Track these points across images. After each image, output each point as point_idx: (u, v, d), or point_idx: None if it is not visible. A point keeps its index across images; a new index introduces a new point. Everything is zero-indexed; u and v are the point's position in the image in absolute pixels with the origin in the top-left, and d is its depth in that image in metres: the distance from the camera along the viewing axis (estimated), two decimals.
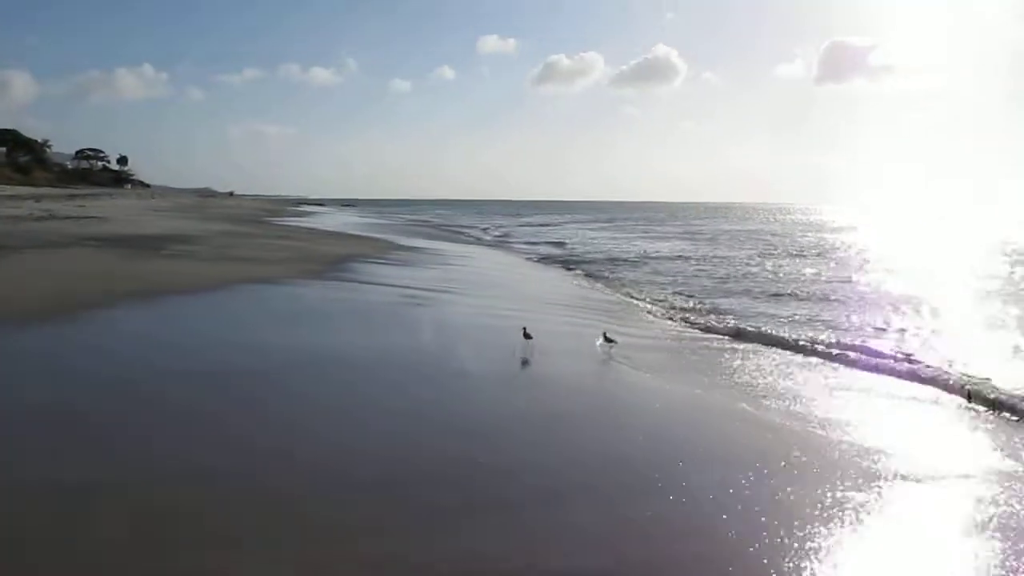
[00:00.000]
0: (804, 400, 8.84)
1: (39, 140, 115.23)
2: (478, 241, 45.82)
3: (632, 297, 19.02)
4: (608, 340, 11.02)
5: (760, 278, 23.67)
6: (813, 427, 7.59)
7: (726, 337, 13.25)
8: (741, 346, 12.36)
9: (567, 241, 44.97)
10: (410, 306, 14.33)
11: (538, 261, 30.16)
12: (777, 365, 10.92)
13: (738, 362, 10.98)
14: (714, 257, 31.98)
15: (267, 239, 29.59)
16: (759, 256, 32.94)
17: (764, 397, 8.85)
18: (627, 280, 23.02)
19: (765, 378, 9.98)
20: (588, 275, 24.73)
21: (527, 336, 10.60)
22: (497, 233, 52.99)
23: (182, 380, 8.27)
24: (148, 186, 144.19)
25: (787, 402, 8.67)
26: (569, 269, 26.78)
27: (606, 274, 25.00)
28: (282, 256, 22.43)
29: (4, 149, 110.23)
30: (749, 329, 13.81)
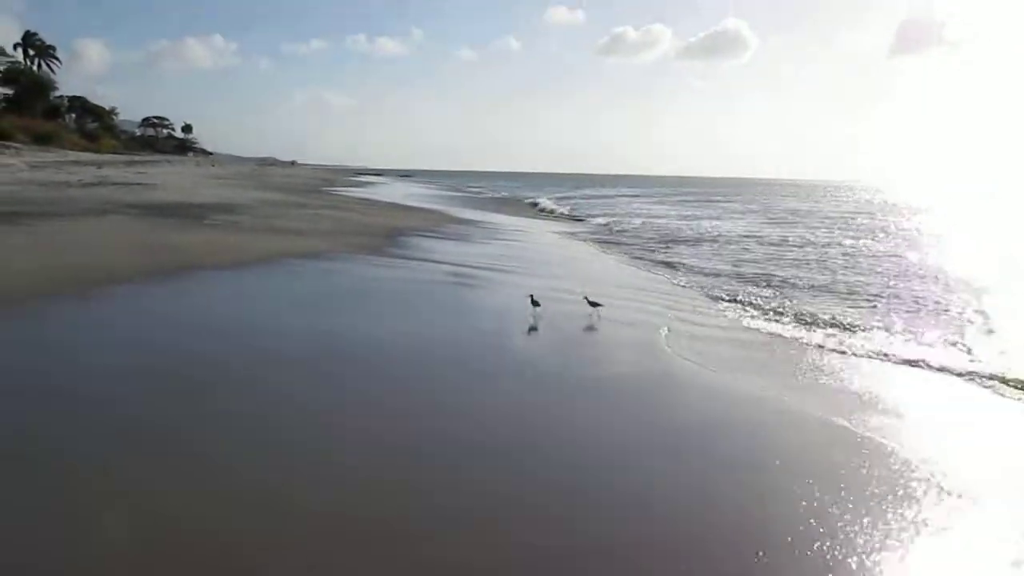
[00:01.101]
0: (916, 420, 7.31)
1: (107, 107, 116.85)
2: (535, 214, 44.33)
3: (692, 279, 17.39)
4: (593, 304, 10.92)
5: (841, 266, 21.37)
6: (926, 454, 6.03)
7: (810, 334, 11.57)
8: (825, 346, 10.68)
9: (628, 216, 43.07)
10: (463, 287, 13.05)
11: (596, 237, 28.47)
12: (875, 374, 9.30)
13: (823, 365, 9.38)
14: (785, 240, 29.70)
15: (318, 210, 28.59)
16: (837, 240, 30.40)
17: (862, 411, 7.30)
18: (691, 263, 21.13)
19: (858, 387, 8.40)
20: (646, 254, 23.00)
21: (535, 303, 10.62)
22: (555, 206, 51.29)
23: (196, 369, 7.20)
24: (210, 154, 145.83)
25: (893, 420, 7.14)
26: (627, 247, 25.08)
27: (666, 254, 23.20)
28: (330, 228, 21.35)
29: (73, 115, 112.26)
30: (833, 327, 12.05)
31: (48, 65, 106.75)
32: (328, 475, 5.08)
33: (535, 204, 54.40)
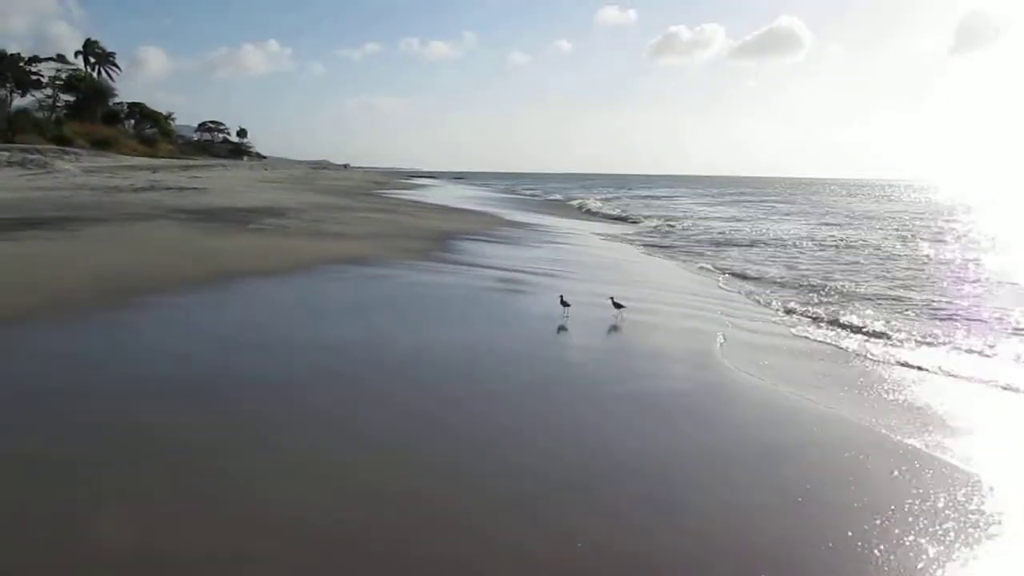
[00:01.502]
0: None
1: (164, 113, 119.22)
2: (586, 216, 43.51)
3: (746, 284, 16.48)
4: (617, 305, 10.72)
5: (903, 272, 20.08)
6: None
7: (876, 346, 10.63)
8: (894, 360, 9.78)
9: (680, 217, 42.00)
10: (513, 293, 12.48)
11: (647, 239, 27.60)
12: (953, 393, 8.45)
13: (894, 382, 8.52)
14: (842, 243, 28.36)
15: (367, 213, 28.27)
16: (896, 242, 28.93)
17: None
18: (744, 266, 20.11)
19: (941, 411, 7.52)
20: (698, 256, 22.08)
21: (564, 303, 10.51)
22: (606, 208, 50.40)
23: (233, 385, 6.83)
24: (264, 158, 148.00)
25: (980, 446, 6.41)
26: (678, 249, 24.16)
27: (718, 256, 22.22)
28: (378, 231, 20.92)
29: (132, 121, 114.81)
30: (898, 339, 11.08)
31: (108, 72, 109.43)
32: (385, 507, 4.61)
33: (586, 206, 53.57)
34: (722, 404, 7.40)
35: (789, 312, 13.08)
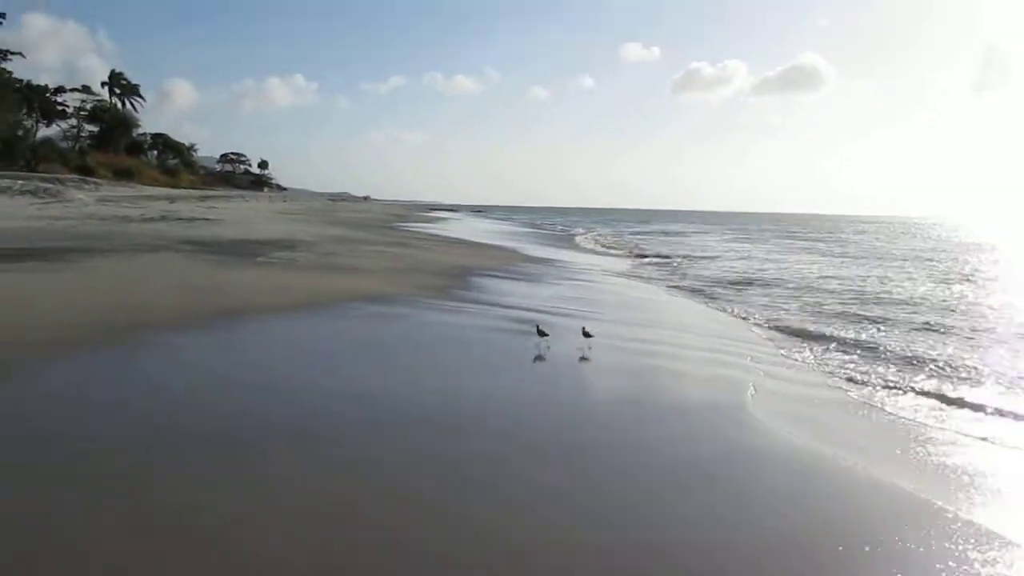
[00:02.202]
0: None
1: (187, 144, 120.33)
2: (606, 251, 42.80)
3: (772, 326, 15.61)
4: (586, 335, 10.88)
5: (940, 317, 18.98)
6: None
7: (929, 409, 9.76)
8: (948, 425, 8.92)
9: (703, 254, 41.20)
10: (530, 335, 11.64)
11: (669, 277, 26.79)
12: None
13: (947, 446, 7.67)
14: (873, 283, 27.43)
15: (383, 247, 27.69)
16: (929, 284, 27.82)
17: None
18: (770, 307, 19.24)
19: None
20: (721, 295, 21.24)
21: (541, 333, 10.74)
22: (627, 243, 49.72)
23: (224, 434, 6.05)
24: (284, 189, 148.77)
25: None
26: (701, 288, 23.30)
27: (742, 296, 21.36)
28: (393, 266, 20.28)
29: (155, 152, 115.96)
30: (944, 398, 10.19)
31: (132, 104, 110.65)
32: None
33: (605, 241, 52.93)
34: (761, 472, 6.56)
35: (820, 359, 12.23)
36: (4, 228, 21.92)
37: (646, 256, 39.26)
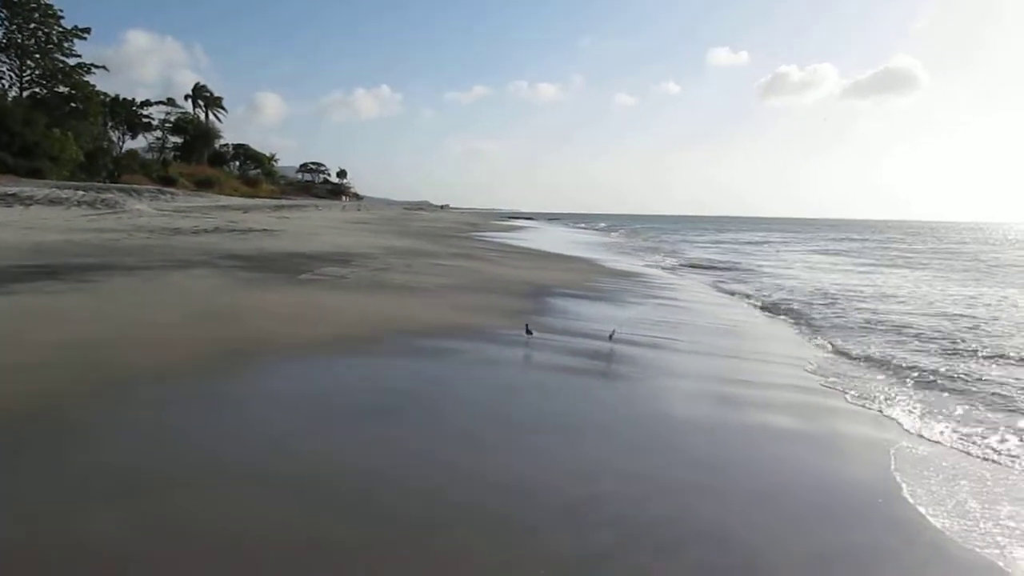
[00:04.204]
0: None
1: (267, 154, 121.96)
2: (690, 264, 39.61)
3: (890, 361, 12.20)
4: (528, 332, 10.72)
5: None
6: None
7: None
8: None
9: (795, 268, 37.54)
10: (608, 380, 9.21)
11: (761, 296, 23.21)
12: None
13: None
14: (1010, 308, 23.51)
15: (447, 260, 25.36)
16: None
17: None
18: (883, 336, 15.67)
19: None
20: (824, 320, 17.76)
21: (528, 332, 10.72)
22: (712, 255, 46.30)
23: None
24: (361, 198, 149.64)
25: None
26: (800, 310, 19.83)
27: (847, 323, 17.79)
28: (453, 284, 17.87)
29: (237, 163, 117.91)
30: None
31: (215, 115, 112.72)
32: None
33: (689, 252, 49.63)
34: None
35: (968, 408, 9.16)
36: (39, 242, 20.49)
37: (732, 269, 35.81)
